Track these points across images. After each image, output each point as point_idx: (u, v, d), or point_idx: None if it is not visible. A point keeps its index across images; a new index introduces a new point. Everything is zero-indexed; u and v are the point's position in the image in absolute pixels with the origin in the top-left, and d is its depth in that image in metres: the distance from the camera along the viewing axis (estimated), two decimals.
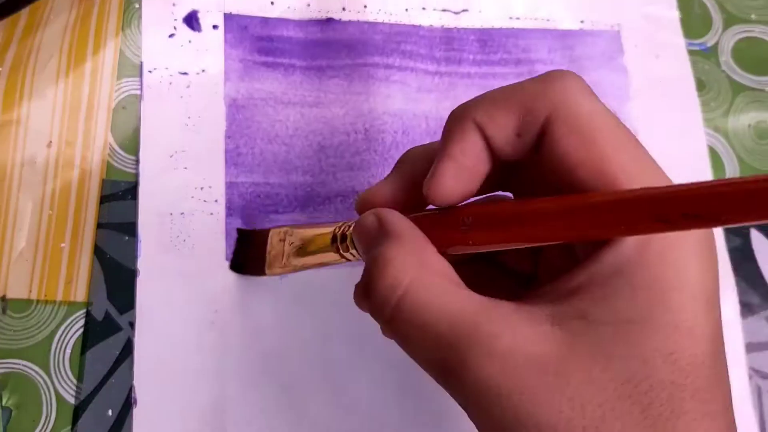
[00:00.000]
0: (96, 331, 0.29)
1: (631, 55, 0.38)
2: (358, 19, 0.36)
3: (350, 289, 0.31)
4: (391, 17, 0.36)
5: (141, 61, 0.33)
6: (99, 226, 0.31)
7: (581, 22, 0.38)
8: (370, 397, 0.30)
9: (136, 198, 0.31)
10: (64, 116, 0.32)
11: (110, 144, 0.32)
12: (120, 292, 0.30)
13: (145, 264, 0.30)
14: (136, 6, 0.34)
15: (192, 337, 0.30)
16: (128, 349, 0.29)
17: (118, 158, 0.32)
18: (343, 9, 0.36)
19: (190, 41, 0.34)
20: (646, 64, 0.38)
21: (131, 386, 0.29)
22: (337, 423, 0.30)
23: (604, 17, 0.38)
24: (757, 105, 0.38)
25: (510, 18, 0.37)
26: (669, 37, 0.39)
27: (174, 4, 0.34)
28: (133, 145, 0.32)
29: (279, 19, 0.35)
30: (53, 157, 0.31)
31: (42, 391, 0.28)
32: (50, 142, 0.31)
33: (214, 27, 0.34)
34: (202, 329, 0.30)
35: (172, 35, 0.34)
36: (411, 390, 0.30)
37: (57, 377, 0.29)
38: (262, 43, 0.35)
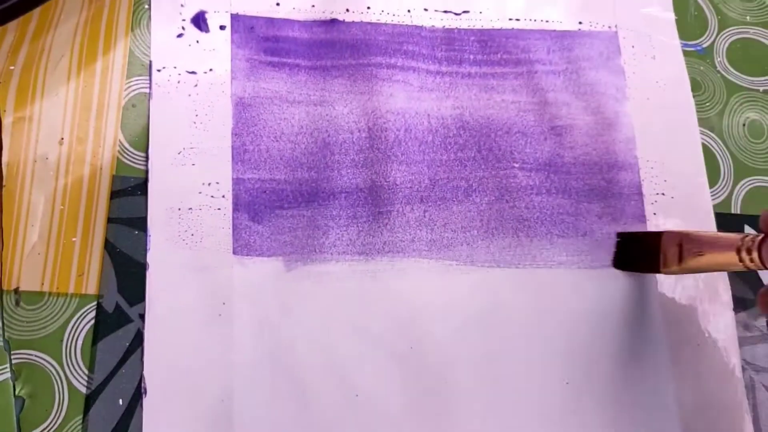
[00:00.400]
0: (107, 323, 0.30)
1: (628, 56, 0.39)
2: (361, 20, 0.36)
3: (355, 282, 0.32)
4: (393, 18, 0.37)
5: (150, 61, 0.34)
6: (109, 220, 0.32)
7: (579, 23, 0.39)
8: (374, 390, 0.31)
9: (145, 193, 0.32)
10: (76, 114, 0.33)
11: (120, 141, 0.33)
12: (130, 285, 0.31)
13: (154, 258, 0.31)
14: (146, 6, 0.35)
15: (200, 329, 0.30)
16: (138, 340, 0.30)
17: (128, 155, 0.33)
18: (346, 10, 0.36)
19: (197, 41, 0.35)
20: (642, 64, 0.39)
21: (141, 376, 0.30)
22: (342, 414, 0.30)
23: (602, 19, 0.39)
24: (751, 105, 0.39)
25: (510, 19, 0.38)
26: (665, 38, 0.39)
27: (182, 5, 0.35)
28: (142, 142, 0.33)
29: (284, 20, 0.36)
30: (65, 154, 0.32)
31: (54, 381, 0.29)
32: (62, 139, 0.32)
33: (221, 27, 0.35)
34: (211, 321, 0.31)
35: (180, 35, 0.35)
36: (414, 383, 0.31)
37: (69, 368, 0.29)
38: (267, 43, 0.35)
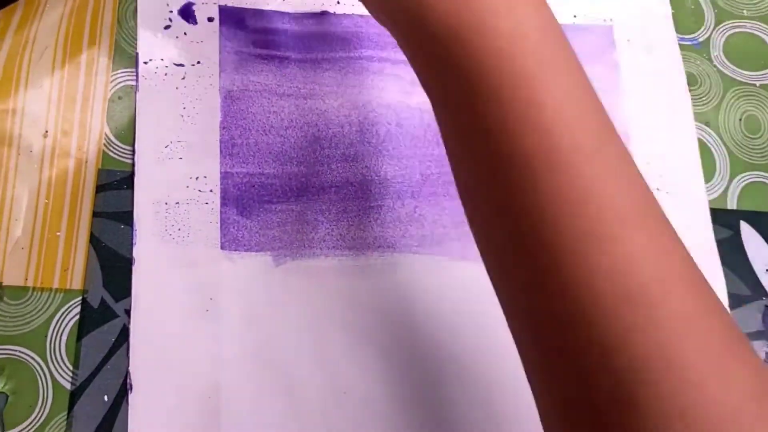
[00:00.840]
0: (92, 318, 0.30)
1: (623, 49, 0.38)
2: (352, 12, 0.36)
3: (344, 278, 0.32)
4: None
5: (137, 53, 0.33)
6: (95, 214, 0.31)
7: (574, 16, 0.38)
8: (363, 385, 0.31)
9: (131, 187, 0.31)
10: (60, 106, 0.32)
11: (106, 134, 0.32)
12: (116, 280, 0.30)
13: (140, 252, 0.31)
14: None
15: (187, 325, 0.30)
16: (124, 335, 0.30)
17: (114, 148, 0.32)
18: (337, 2, 0.36)
19: (185, 33, 0.34)
20: (638, 58, 0.38)
21: (127, 372, 0.29)
22: (331, 409, 0.30)
23: (597, 12, 0.39)
24: (748, 100, 0.39)
25: None
26: (661, 32, 0.39)
27: None
28: (128, 136, 0.32)
29: (274, 12, 0.35)
30: (49, 147, 0.32)
31: (38, 377, 0.29)
32: (46, 132, 0.32)
33: (210, 19, 0.35)
34: (197, 317, 0.30)
35: (167, 27, 0.34)
36: (404, 377, 0.31)
37: (53, 363, 0.29)
38: (257, 35, 0.35)
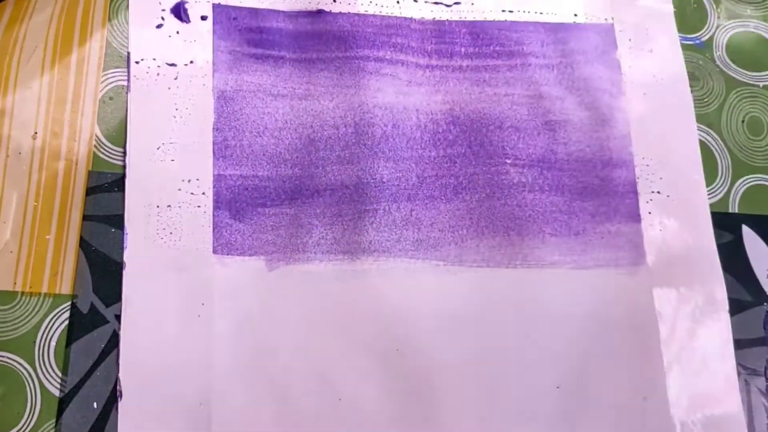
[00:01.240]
0: (81, 324, 0.29)
1: (624, 49, 0.37)
2: (348, 11, 0.35)
3: (339, 283, 0.31)
4: (382, 9, 0.36)
5: (128, 52, 0.33)
6: (85, 218, 0.30)
7: (575, 15, 0.38)
8: (357, 391, 0.30)
9: (122, 190, 0.31)
10: (50, 107, 0.31)
11: (97, 135, 0.32)
12: (106, 285, 0.30)
13: (131, 256, 0.30)
14: None
15: (178, 330, 0.29)
16: (114, 341, 0.29)
17: (105, 150, 0.32)
18: (333, 1, 0.35)
19: (178, 32, 0.33)
20: (639, 58, 0.37)
21: (117, 379, 0.29)
22: (325, 418, 0.30)
23: (598, 11, 0.38)
24: (751, 101, 0.38)
25: (503, 11, 0.37)
26: (663, 31, 0.38)
27: None
28: (120, 137, 0.32)
29: (269, 10, 0.35)
30: (39, 149, 0.31)
31: (26, 384, 0.28)
32: (35, 133, 0.31)
33: (203, 18, 0.34)
34: (189, 322, 0.30)
35: (159, 26, 0.33)
36: (399, 383, 0.30)
37: (42, 370, 0.29)
38: (251, 34, 0.34)
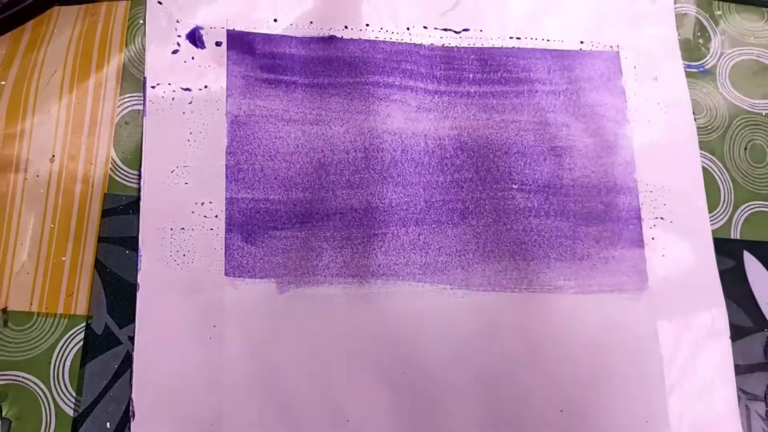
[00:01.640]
0: (96, 345, 0.30)
1: (629, 76, 0.38)
2: (359, 37, 0.36)
3: (348, 306, 0.32)
4: (392, 36, 0.36)
5: (144, 77, 0.33)
6: (100, 239, 0.31)
7: (581, 42, 0.38)
8: (366, 413, 0.31)
9: (137, 212, 0.32)
10: (67, 131, 0.32)
11: (113, 159, 0.32)
12: (120, 306, 0.30)
13: (145, 278, 0.31)
14: (140, 22, 0.34)
15: (190, 352, 0.30)
16: (127, 362, 0.30)
17: (121, 173, 0.32)
18: (345, 27, 0.36)
19: (193, 57, 0.34)
20: (644, 86, 0.38)
21: (130, 399, 0.29)
22: None
23: (604, 39, 0.39)
24: (754, 129, 0.39)
25: (510, 38, 0.38)
26: (667, 58, 0.39)
27: (178, 21, 0.34)
28: (135, 160, 0.32)
29: (282, 36, 0.35)
30: (56, 172, 0.32)
31: (42, 403, 0.29)
32: (53, 156, 0.32)
33: (218, 44, 0.35)
34: (201, 344, 0.30)
35: (175, 51, 0.34)
36: (407, 406, 0.31)
37: (56, 389, 0.29)
38: (264, 60, 0.35)
